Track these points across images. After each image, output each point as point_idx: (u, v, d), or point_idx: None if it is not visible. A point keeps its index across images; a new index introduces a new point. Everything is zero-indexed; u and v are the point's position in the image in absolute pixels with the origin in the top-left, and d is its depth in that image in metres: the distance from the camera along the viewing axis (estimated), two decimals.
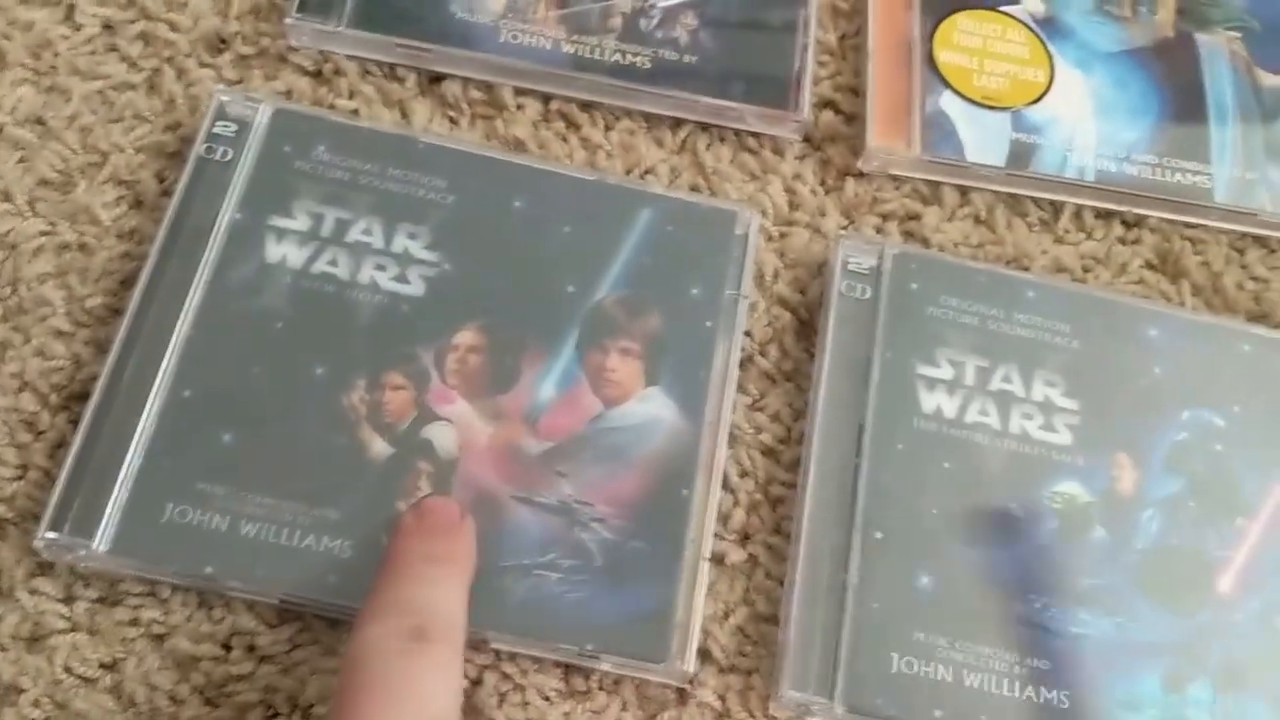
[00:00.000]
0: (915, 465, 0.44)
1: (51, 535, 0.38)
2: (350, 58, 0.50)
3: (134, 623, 0.39)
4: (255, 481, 0.40)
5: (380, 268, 0.44)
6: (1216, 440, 0.46)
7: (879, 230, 0.51)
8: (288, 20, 0.49)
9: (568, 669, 0.40)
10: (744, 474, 0.44)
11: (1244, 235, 0.53)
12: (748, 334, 0.47)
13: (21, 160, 0.46)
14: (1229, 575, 0.44)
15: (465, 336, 0.43)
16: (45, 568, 0.40)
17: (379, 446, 0.41)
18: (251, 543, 0.39)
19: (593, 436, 0.42)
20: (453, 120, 0.50)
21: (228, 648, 0.39)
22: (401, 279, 0.44)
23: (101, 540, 0.38)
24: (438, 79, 0.50)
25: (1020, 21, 0.55)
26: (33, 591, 0.39)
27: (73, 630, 0.39)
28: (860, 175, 0.51)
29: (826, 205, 0.51)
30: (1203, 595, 0.43)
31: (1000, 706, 0.40)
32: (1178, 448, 0.46)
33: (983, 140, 0.52)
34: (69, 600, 0.39)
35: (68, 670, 0.38)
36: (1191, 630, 0.43)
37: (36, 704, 0.38)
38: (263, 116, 0.46)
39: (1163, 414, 0.46)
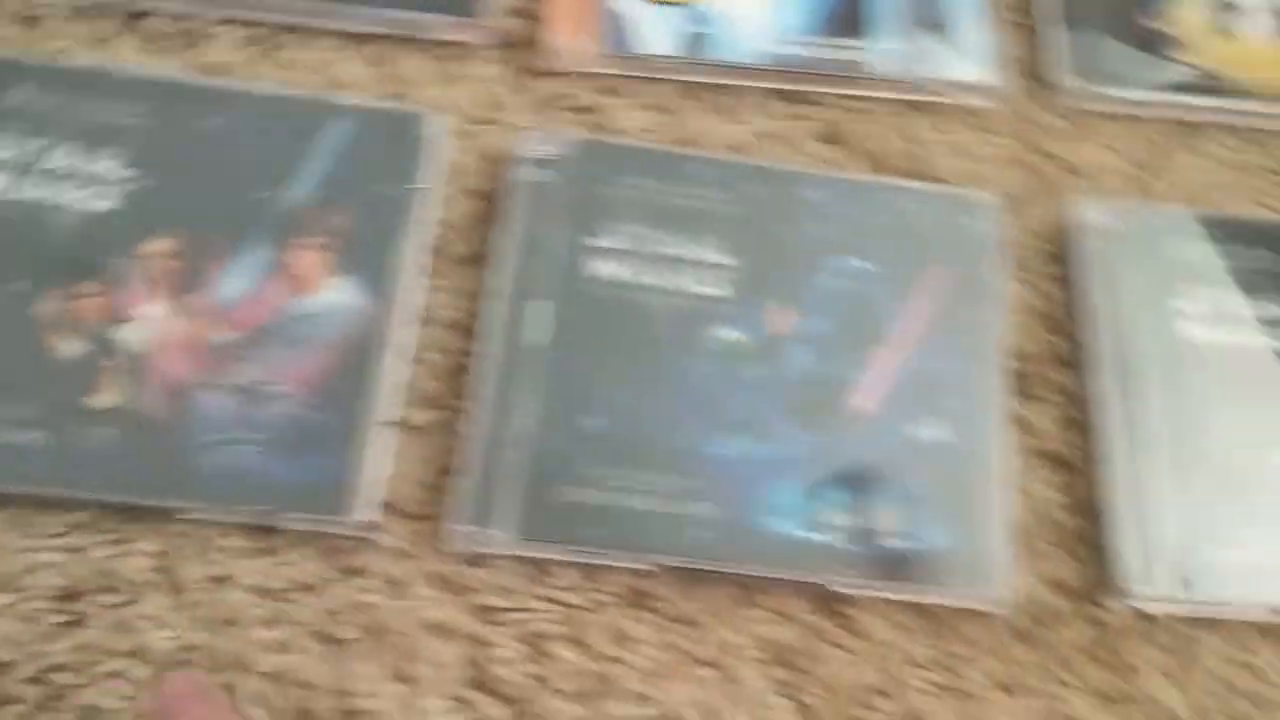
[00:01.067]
0: (587, 324, 0.49)
1: None
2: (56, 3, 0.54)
3: None
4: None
5: (80, 187, 0.48)
6: (862, 282, 0.52)
7: (569, 123, 0.55)
8: None
9: (259, 530, 0.45)
10: (434, 348, 0.49)
11: (905, 102, 0.58)
12: (440, 224, 0.52)
13: None
14: (866, 396, 0.50)
15: (158, 244, 0.48)
16: None
17: (69, 348, 0.46)
18: None
19: (282, 325, 0.47)
20: (156, 52, 0.54)
21: None
22: (101, 196, 0.48)
23: None
24: (140, 15, 0.54)
25: None
26: None
27: None
28: (549, 74, 0.56)
29: (518, 104, 0.56)
30: (841, 414, 0.49)
31: (658, 521, 0.46)
32: (825, 291, 0.52)
33: (660, 34, 0.57)
34: None
35: None
36: (830, 443, 0.49)
37: None
38: None
39: (814, 264, 0.52)
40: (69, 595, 0.43)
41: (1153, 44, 0.61)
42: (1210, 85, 0.60)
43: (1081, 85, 0.59)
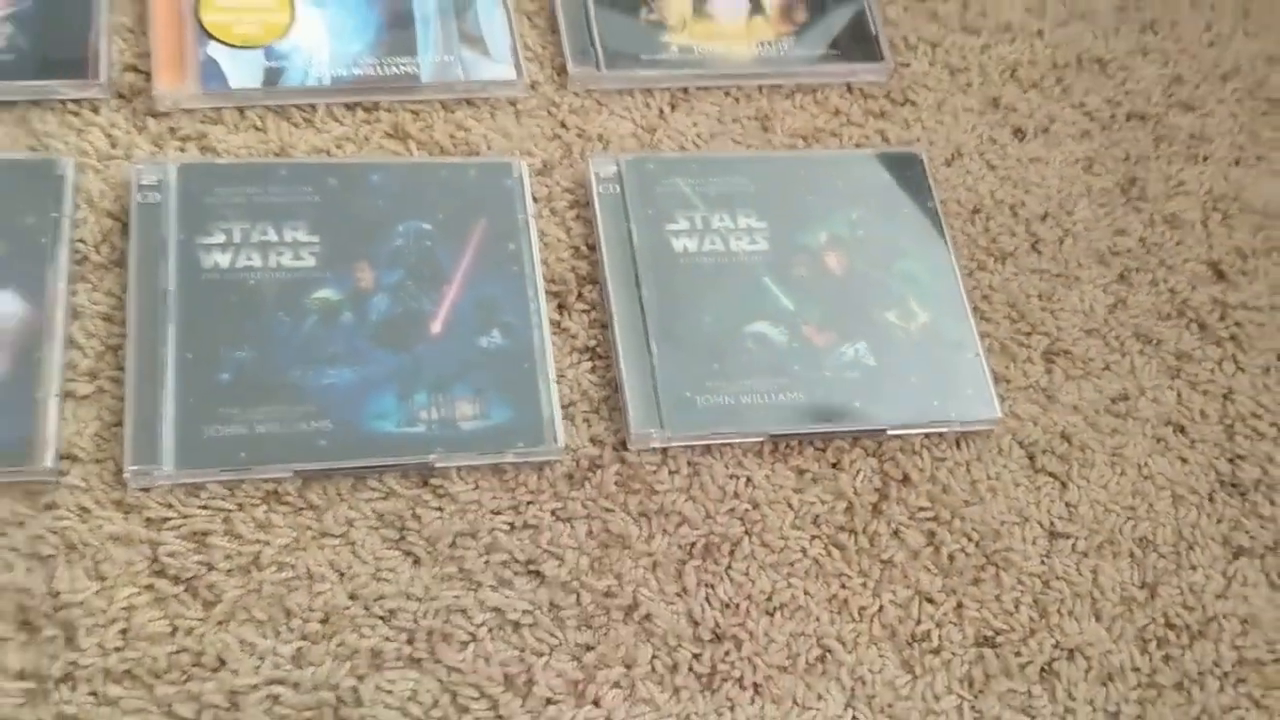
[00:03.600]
0: (209, 305, 0.64)
1: None
2: None
3: None
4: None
5: None
6: (425, 239, 0.69)
7: (182, 151, 0.71)
8: None
9: None
10: (90, 335, 0.64)
11: (454, 100, 0.76)
12: (82, 241, 0.67)
13: None
14: (438, 322, 0.67)
15: None
16: None
17: None
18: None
19: None
20: None
21: None
22: None
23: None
24: None
25: None
26: None
27: None
28: (161, 114, 0.72)
29: (138, 141, 0.71)
30: (419, 337, 0.66)
31: (285, 440, 0.62)
32: (396, 250, 0.69)
33: (243, 72, 0.73)
34: None
35: None
36: (412, 360, 0.66)
37: None
38: None
39: (385, 230, 0.69)
40: None
41: (649, 30, 0.80)
42: (694, 59, 0.80)
43: (594, 71, 0.78)
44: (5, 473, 0.59)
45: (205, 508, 0.60)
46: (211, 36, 0.72)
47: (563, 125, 0.76)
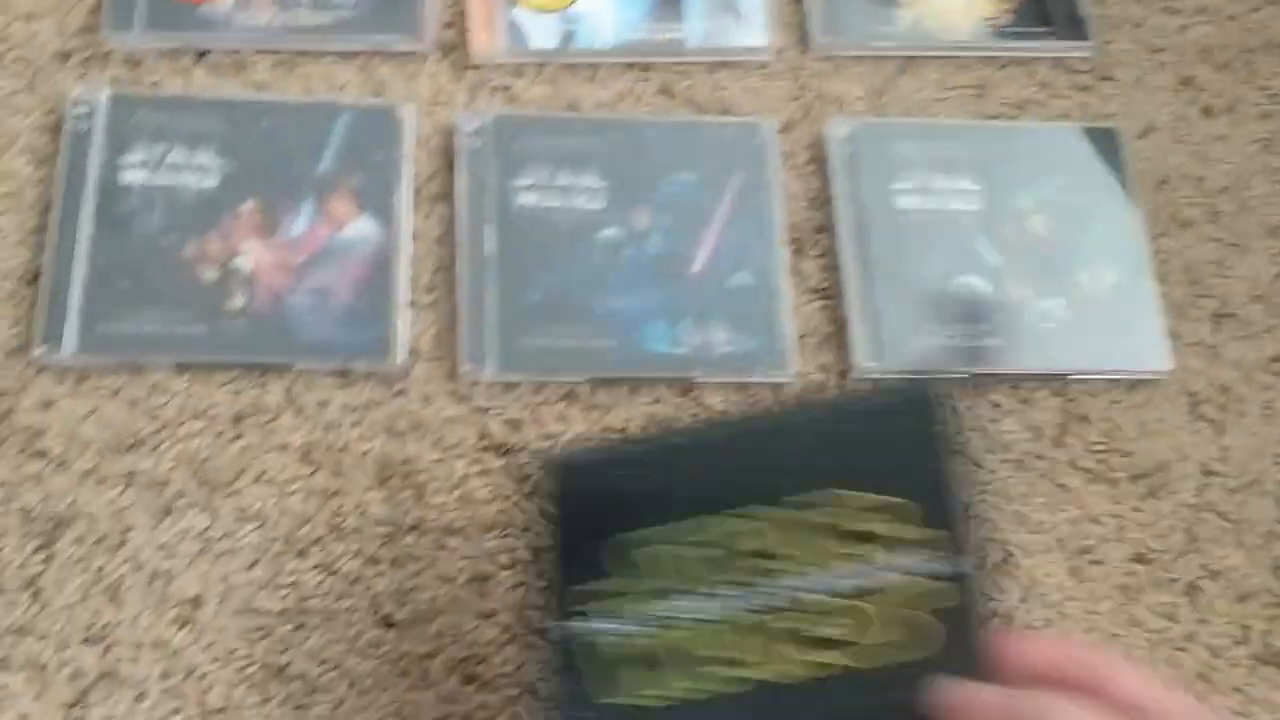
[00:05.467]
0: (523, 235, 0.80)
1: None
2: (148, 50, 0.83)
3: None
4: (147, 305, 0.75)
5: (193, 174, 0.79)
6: (690, 189, 0.84)
7: (492, 100, 0.86)
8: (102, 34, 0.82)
9: (339, 373, 0.77)
10: (428, 255, 0.81)
11: (713, 63, 0.90)
12: (420, 176, 0.83)
13: None
14: (698, 261, 0.82)
15: (247, 205, 0.79)
16: None
17: (209, 274, 0.77)
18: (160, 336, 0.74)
19: (330, 249, 0.78)
20: (219, 78, 0.84)
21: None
22: (205, 179, 0.79)
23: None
24: (205, 53, 0.84)
25: None
26: None
27: None
28: (475, 68, 0.87)
29: (457, 89, 0.86)
30: (683, 273, 0.81)
31: (580, 353, 0.78)
32: (667, 198, 0.83)
33: (542, 34, 0.87)
34: None
35: None
36: (678, 293, 0.81)
37: None
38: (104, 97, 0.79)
39: (660, 178, 0.83)
40: (237, 418, 0.75)
41: (883, 4, 0.93)
42: (922, 31, 0.93)
43: (831, 39, 0.91)
44: (367, 365, 0.75)
45: (518, 401, 0.76)
46: (516, 2, 0.86)
47: (803, 88, 0.89)
